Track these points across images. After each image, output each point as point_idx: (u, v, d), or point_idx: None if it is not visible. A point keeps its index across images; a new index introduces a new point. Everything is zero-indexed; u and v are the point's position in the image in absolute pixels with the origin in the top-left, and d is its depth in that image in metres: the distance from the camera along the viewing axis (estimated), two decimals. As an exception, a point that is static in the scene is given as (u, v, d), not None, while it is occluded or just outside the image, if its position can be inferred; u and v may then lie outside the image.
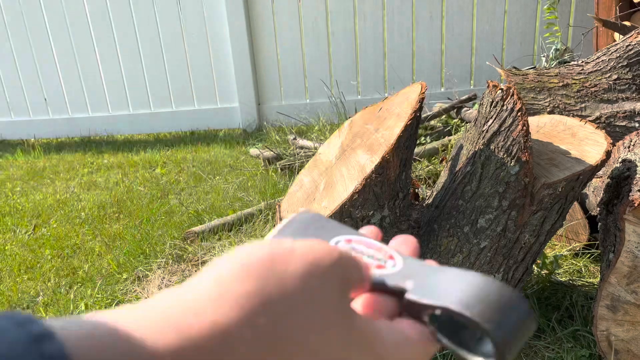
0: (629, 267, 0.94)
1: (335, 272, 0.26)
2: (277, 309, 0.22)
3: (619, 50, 1.41)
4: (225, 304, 0.22)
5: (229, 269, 0.23)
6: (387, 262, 0.32)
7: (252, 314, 0.22)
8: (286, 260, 0.24)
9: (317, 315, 0.24)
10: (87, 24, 3.56)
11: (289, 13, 3.35)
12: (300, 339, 0.23)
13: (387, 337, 0.27)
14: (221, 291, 0.22)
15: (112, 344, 0.19)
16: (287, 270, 0.24)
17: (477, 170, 1.02)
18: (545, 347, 1.09)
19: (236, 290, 0.22)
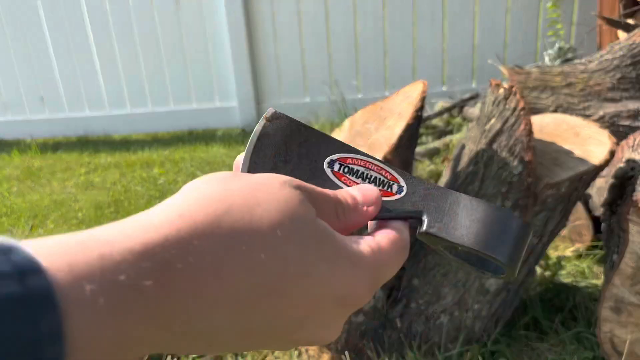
0: (633, 268, 0.92)
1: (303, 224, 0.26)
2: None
3: (623, 48, 1.39)
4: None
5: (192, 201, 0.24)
6: (393, 186, 0.31)
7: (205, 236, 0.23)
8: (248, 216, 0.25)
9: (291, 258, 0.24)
10: (85, 22, 3.55)
11: (288, 11, 3.34)
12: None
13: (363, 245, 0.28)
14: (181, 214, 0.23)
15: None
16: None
17: (479, 170, 1.00)
18: (548, 349, 1.08)
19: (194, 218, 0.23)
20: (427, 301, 1.04)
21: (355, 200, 0.30)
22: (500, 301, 1.04)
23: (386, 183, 0.31)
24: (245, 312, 0.24)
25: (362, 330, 1.06)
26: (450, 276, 1.02)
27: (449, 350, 1.04)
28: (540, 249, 1.02)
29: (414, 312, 1.05)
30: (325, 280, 0.26)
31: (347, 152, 0.32)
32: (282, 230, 0.24)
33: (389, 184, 0.31)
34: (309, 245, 0.25)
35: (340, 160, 0.31)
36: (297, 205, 0.26)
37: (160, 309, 0.21)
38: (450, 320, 1.04)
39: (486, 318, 1.05)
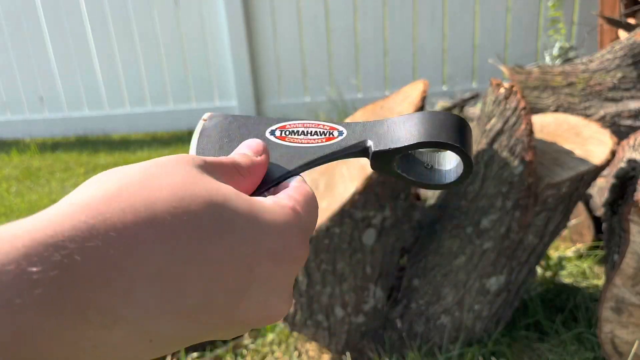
0: (634, 269, 0.92)
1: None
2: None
3: (624, 48, 1.39)
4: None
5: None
6: (333, 133, 0.34)
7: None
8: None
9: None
10: (84, 21, 3.54)
11: (288, 10, 3.33)
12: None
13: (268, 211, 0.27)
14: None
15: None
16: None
17: (480, 170, 1.00)
18: (549, 349, 1.07)
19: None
20: (427, 301, 1.04)
21: (246, 156, 0.31)
22: (500, 302, 1.04)
23: (327, 132, 0.34)
24: (172, 288, 0.22)
25: (363, 331, 1.05)
26: (451, 276, 1.02)
27: (449, 350, 1.04)
28: (541, 249, 1.02)
29: (415, 313, 1.05)
30: (249, 237, 0.24)
31: (284, 121, 0.34)
32: (186, 194, 0.24)
33: (330, 133, 0.34)
34: (220, 203, 0.24)
35: (280, 128, 0.34)
36: (200, 172, 0.26)
37: (70, 299, 0.20)
38: (450, 320, 1.03)
39: (487, 318, 1.05)
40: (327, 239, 0.96)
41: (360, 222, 0.96)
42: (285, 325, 1.08)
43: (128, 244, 0.21)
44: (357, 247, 0.97)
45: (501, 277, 1.02)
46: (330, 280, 1.00)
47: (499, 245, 0.99)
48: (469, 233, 1.00)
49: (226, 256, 0.24)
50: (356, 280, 1.00)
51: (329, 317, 1.04)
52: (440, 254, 1.03)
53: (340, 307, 1.03)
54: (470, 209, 1.00)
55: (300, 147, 0.33)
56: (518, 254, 1.01)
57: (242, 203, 0.25)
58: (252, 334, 1.21)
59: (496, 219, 0.98)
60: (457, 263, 1.01)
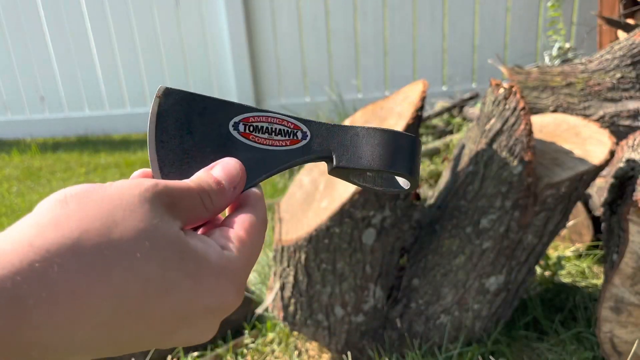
0: (633, 268, 0.92)
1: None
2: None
3: (623, 48, 1.39)
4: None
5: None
6: (297, 134, 0.34)
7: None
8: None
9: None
10: (85, 21, 3.54)
11: (288, 11, 3.33)
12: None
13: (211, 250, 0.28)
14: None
15: None
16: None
17: (479, 170, 1.00)
18: (548, 349, 1.07)
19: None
20: (427, 301, 1.04)
21: (220, 185, 0.30)
22: (500, 301, 1.04)
23: (291, 132, 0.34)
24: (110, 332, 0.24)
25: (363, 330, 1.06)
26: (450, 276, 1.02)
27: (449, 350, 1.04)
28: (540, 248, 1.02)
29: (414, 312, 1.05)
30: (191, 297, 0.26)
31: (248, 112, 0.33)
32: (142, 251, 0.24)
33: (294, 133, 0.34)
34: (171, 264, 0.25)
35: (243, 121, 0.33)
36: (157, 221, 0.26)
37: (14, 341, 0.21)
38: (450, 320, 1.04)
39: (486, 318, 1.05)
40: (327, 238, 0.96)
41: (360, 222, 0.96)
42: (286, 325, 1.08)
43: (77, 294, 0.22)
44: (357, 247, 0.98)
45: (500, 277, 1.02)
46: (330, 279, 1.00)
47: (498, 245, 0.99)
48: (469, 233, 1.01)
49: (166, 314, 0.25)
50: (356, 279, 1.01)
51: (329, 316, 1.04)
52: (439, 253, 1.03)
53: (340, 307, 1.03)
54: (470, 208, 1.01)
55: (264, 151, 0.33)
56: (517, 254, 1.01)
57: (190, 262, 0.26)
58: (252, 334, 1.21)
59: (495, 219, 0.99)
60: (456, 263, 1.02)
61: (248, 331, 1.21)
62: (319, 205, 1.01)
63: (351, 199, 0.94)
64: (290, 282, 1.03)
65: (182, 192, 0.28)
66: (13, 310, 0.21)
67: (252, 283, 1.39)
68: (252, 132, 0.33)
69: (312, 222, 0.98)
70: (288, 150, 0.33)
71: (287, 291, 1.05)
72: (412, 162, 0.34)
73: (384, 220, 0.98)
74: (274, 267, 1.10)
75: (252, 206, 0.31)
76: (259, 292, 1.33)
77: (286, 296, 1.05)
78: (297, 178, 1.21)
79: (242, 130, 0.33)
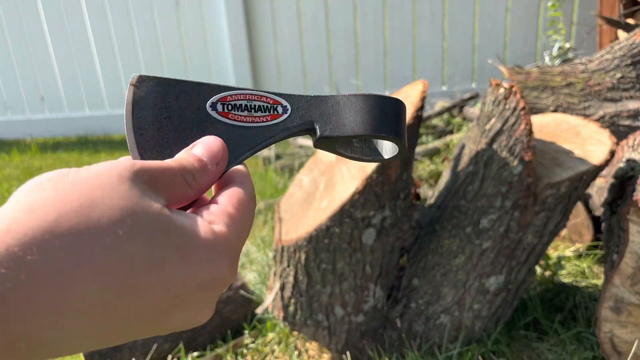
0: (633, 268, 0.92)
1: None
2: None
3: (623, 48, 1.39)
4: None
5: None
6: (277, 108, 0.33)
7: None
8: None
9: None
10: (85, 22, 3.54)
11: (288, 10, 3.33)
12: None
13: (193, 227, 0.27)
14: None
15: None
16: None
17: (479, 170, 1.00)
18: (548, 349, 1.07)
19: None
20: (427, 301, 1.04)
21: (202, 162, 0.30)
22: (500, 301, 1.04)
23: (271, 108, 0.33)
24: (100, 315, 0.23)
25: (363, 330, 1.06)
26: (450, 276, 1.02)
27: (449, 350, 1.04)
28: (540, 248, 1.02)
29: (414, 312, 1.05)
30: (182, 272, 0.25)
31: (225, 91, 0.33)
32: (124, 228, 0.24)
33: (274, 108, 0.33)
34: (157, 240, 0.25)
35: (221, 101, 0.32)
36: (138, 199, 0.25)
37: (3, 332, 0.20)
38: (450, 320, 1.04)
39: (486, 318, 1.05)
40: (327, 238, 0.96)
41: (360, 222, 0.96)
42: (286, 325, 1.08)
43: (59, 278, 0.21)
44: (357, 247, 0.98)
45: (500, 277, 1.02)
46: (330, 279, 1.00)
47: (498, 244, 0.99)
48: (469, 233, 1.01)
49: (157, 291, 0.24)
50: (356, 279, 1.01)
51: (329, 316, 1.04)
52: (439, 253, 1.03)
53: (340, 307, 1.03)
54: (470, 208, 1.01)
55: (245, 128, 0.32)
56: (517, 254, 1.01)
57: (177, 237, 0.25)
58: (252, 334, 1.21)
59: (495, 219, 0.99)
60: (456, 263, 1.02)
61: (248, 331, 1.22)
62: (319, 205, 1.01)
63: (351, 199, 0.94)
64: (290, 282, 1.03)
65: (162, 171, 0.28)
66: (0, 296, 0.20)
67: (252, 283, 1.39)
68: (230, 111, 0.32)
69: (312, 222, 0.98)
70: (270, 126, 0.33)
71: (287, 291, 1.05)
72: (397, 125, 0.33)
73: (384, 220, 0.98)
74: (273, 267, 1.10)
75: (239, 182, 0.31)
76: (259, 292, 1.33)
77: (286, 296, 1.05)
78: (297, 178, 1.21)
79: (220, 109, 0.32)
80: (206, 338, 1.20)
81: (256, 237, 1.72)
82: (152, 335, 0.27)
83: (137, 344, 1.12)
